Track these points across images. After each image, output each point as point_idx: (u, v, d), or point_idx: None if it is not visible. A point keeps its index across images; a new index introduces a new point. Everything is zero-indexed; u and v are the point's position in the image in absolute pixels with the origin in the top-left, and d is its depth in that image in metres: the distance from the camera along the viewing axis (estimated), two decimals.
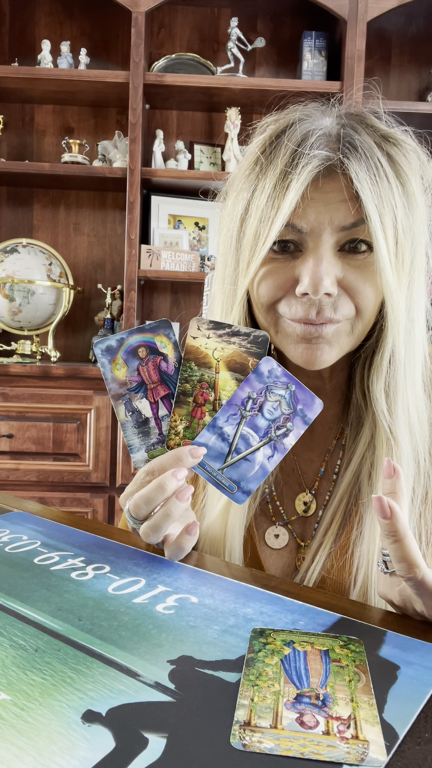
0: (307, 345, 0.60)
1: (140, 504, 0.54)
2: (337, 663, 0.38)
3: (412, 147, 0.61)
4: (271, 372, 0.56)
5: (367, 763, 0.29)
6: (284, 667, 0.38)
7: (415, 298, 0.61)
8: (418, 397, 0.63)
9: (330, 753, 0.30)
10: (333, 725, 0.32)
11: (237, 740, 0.31)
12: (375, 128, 0.60)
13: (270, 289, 0.61)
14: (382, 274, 0.57)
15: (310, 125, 0.59)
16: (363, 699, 0.35)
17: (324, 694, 0.35)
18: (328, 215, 0.57)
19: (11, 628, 0.41)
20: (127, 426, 0.58)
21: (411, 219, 0.59)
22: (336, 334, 0.60)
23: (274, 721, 0.32)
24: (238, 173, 0.64)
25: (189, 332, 0.57)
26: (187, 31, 2.43)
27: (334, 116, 0.61)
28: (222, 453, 0.56)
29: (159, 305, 2.49)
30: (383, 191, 0.56)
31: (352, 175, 0.56)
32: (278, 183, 0.57)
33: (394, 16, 2.35)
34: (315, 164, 0.56)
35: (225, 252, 0.65)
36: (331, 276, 0.57)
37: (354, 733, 0.32)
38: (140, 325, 0.58)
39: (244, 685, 0.36)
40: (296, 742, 0.31)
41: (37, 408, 1.99)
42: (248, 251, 0.60)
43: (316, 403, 0.56)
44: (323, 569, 0.63)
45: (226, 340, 0.57)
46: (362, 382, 0.65)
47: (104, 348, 0.58)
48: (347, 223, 0.57)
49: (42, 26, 2.42)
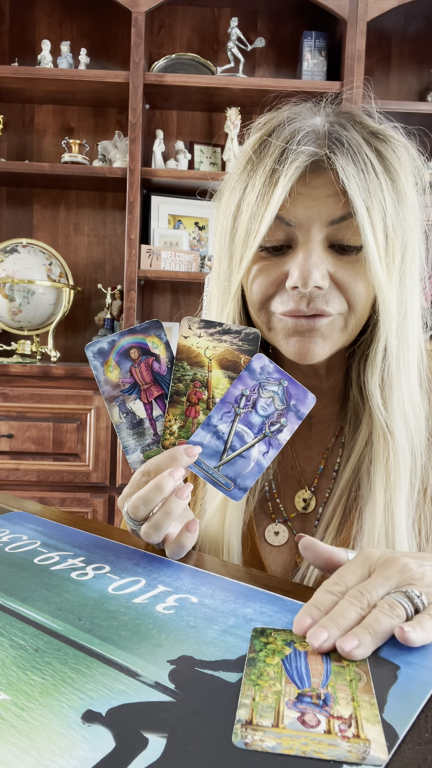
0: (299, 338, 0.60)
1: (138, 505, 0.54)
2: (338, 663, 0.38)
3: (402, 143, 0.61)
4: (264, 368, 0.57)
5: (368, 761, 0.29)
6: (285, 667, 0.38)
7: (408, 293, 0.62)
8: (413, 391, 0.63)
9: (331, 752, 0.30)
10: (334, 724, 0.32)
11: (239, 739, 0.31)
12: (364, 125, 0.61)
13: (262, 286, 0.61)
14: (372, 268, 0.58)
15: (298, 123, 0.60)
16: (364, 698, 0.35)
17: (325, 693, 0.35)
18: (316, 209, 0.58)
19: (11, 628, 0.41)
20: (121, 428, 0.58)
21: (401, 214, 0.59)
22: (329, 328, 0.60)
23: (276, 720, 0.32)
24: (232, 173, 0.65)
25: (180, 332, 0.57)
26: (187, 31, 2.43)
27: (323, 115, 0.62)
28: (217, 451, 0.56)
29: (159, 305, 2.49)
30: (371, 186, 0.57)
31: (339, 170, 0.56)
32: (267, 180, 0.58)
33: (394, 16, 2.35)
34: (302, 160, 0.57)
35: (219, 250, 0.66)
36: (321, 269, 0.58)
37: (355, 732, 0.32)
38: (131, 327, 0.58)
39: (245, 685, 0.36)
40: (298, 741, 0.31)
41: (37, 408, 1.99)
42: (240, 247, 0.61)
43: (308, 398, 0.57)
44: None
45: (218, 338, 0.57)
46: (359, 378, 0.66)
47: (96, 351, 0.58)
48: (335, 217, 0.58)
49: (42, 26, 2.42)
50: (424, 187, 0.63)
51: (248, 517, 0.69)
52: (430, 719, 0.33)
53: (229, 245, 0.64)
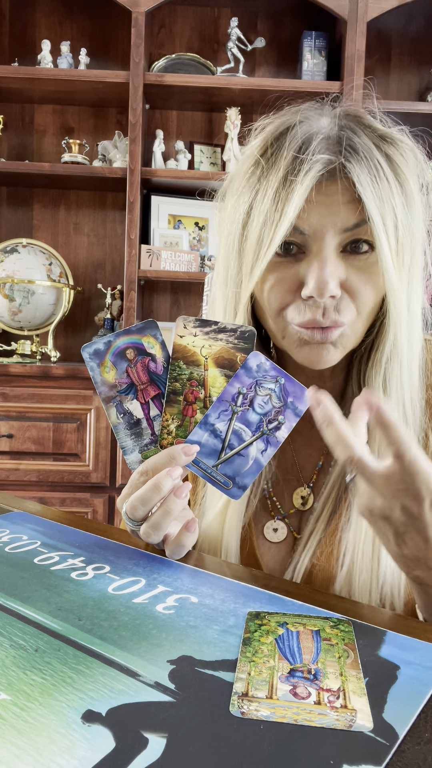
0: (312, 347, 0.61)
1: (137, 505, 0.54)
2: (328, 641, 0.41)
3: (409, 146, 0.62)
4: (260, 366, 0.57)
5: (354, 728, 0.32)
6: (279, 645, 0.40)
7: (414, 294, 0.62)
8: (414, 389, 0.64)
9: (321, 720, 0.33)
10: (324, 696, 0.35)
11: (236, 709, 0.33)
12: (373, 129, 0.61)
13: (278, 294, 0.61)
14: (386, 274, 0.58)
15: (309, 128, 0.60)
16: (351, 673, 0.37)
17: (315, 668, 0.38)
18: (330, 218, 0.58)
19: (11, 628, 0.41)
20: (119, 428, 0.58)
21: (410, 217, 0.60)
22: (341, 337, 0.61)
23: (270, 693, 0.35)
24: (237, 175, 0.64)
25: (176, 331, 0.57)
26: (187, 31, 2.43)
27: (330, 117, 0.62)
28: (215, 449, 0.56)
29: (159, 305, 2.49)
30: (383, 192, 0.57)
31: (354, 179, 0.56)
32: (281, 187, 0.58)
33: (394, 16, 2.35)
34: (318, 169, 0.56)
35: (227, 256, 0.65)
36: (335, 278, 0.58)
37: (343, 703, 0.34)
38: (126, 327, 0.58)
39: (241, 662, 0.38)
40: (290, 711, 0.33)
41: (37, 408, 1.99)
42: (252, 255, 0.61)
43: (306, 395, 0.57)
44: (314, 557, 0.64)
45: (213, 337, 0.57)
46: (359, 377, 0.66)
47: (92, 352, 0.58)
48: (350, 225, 0.58)
49: (42, 26, 2.42)
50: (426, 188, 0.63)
51: (248, 519, 0.69)
52: (430, 719, 0.33)
53: (239, 251, 0.63)
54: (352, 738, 0.31)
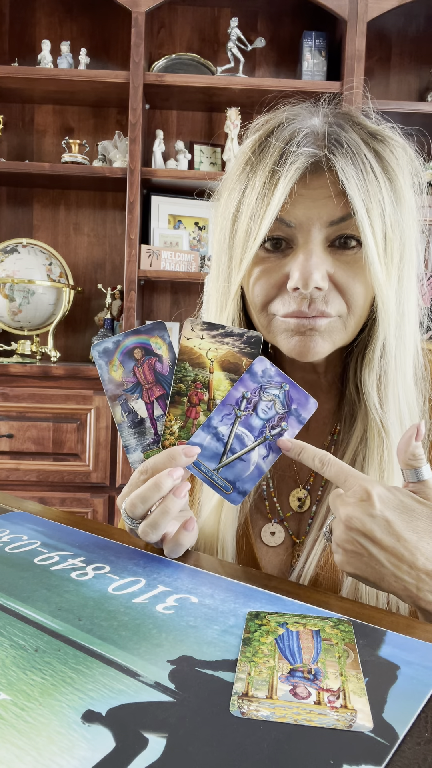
0: (300, 337, 0.61)
1: (136, 503, 0.54)
2: (328, 641, 0.40)
3: (399, 144, 0.62)
4: (265, 372, 0.56)
5: (354, 728, 0.32)
6: (278, 645, 0.40)
7: (405, 292, 0.62)
8: (409, 390, 0.64)
9: (321, 720, 0.33)
10: (324, 696, 0.35)
11: (236, 709, 0.33)
12: (362, 125, 0.61)
13: (264, 288, 0.62)
14: (371, 268, 0.58)
15: (297, 124, 0.60)
16: (351, 673, 0.37)
17: (315, 669, 0.38)
18: (316, 210, 0.58)
19: (11, 628, 0.41)
20: (123, 426, 0.58)
21: (400, 214, 0.60)
22: (329, 329, 0.61)
23: (270, 693, 0.35)
24: (231, 173, 0.65)
25: (183, 333, 0.58)
26: (187, 31, 2.43)
27: (322, 116, 0.62)
28: (217, 453, 0.56)
29: (159, 305, 2.49)
30: (370, 186, 0.57)
31: (339, 171, 0.57)
32: (267, 181, 0.58)
33: (394, 16, 2.35)
34: (302, 161, 0.57)
35: (218, 250, 0.66)
36: (321, 270, 0.58)
37: (343, 703, 0.34)
38: (136, 327, 0.59)
39: (241, 662, 0.38)
40: (290, 711, 0.33)
41: (37, 408, 1.99)
42: (240, 248, 0.62)
43: (310, 403, 0.57)
44: (317, 566, 0.64)
45: (220, 340, 0.57)
46: (355, 376, 0.66)
47: (101, 350, 0.58)
48: (335, 218, 0.58)
49: (42, 26, 2.42)
50: (422, 188, 0.63)
51: (244, 517, 0.69)
52: (430, 719, 0.33)
53: (229, 246, 0.64)
54: (352, 738, 0.31)
